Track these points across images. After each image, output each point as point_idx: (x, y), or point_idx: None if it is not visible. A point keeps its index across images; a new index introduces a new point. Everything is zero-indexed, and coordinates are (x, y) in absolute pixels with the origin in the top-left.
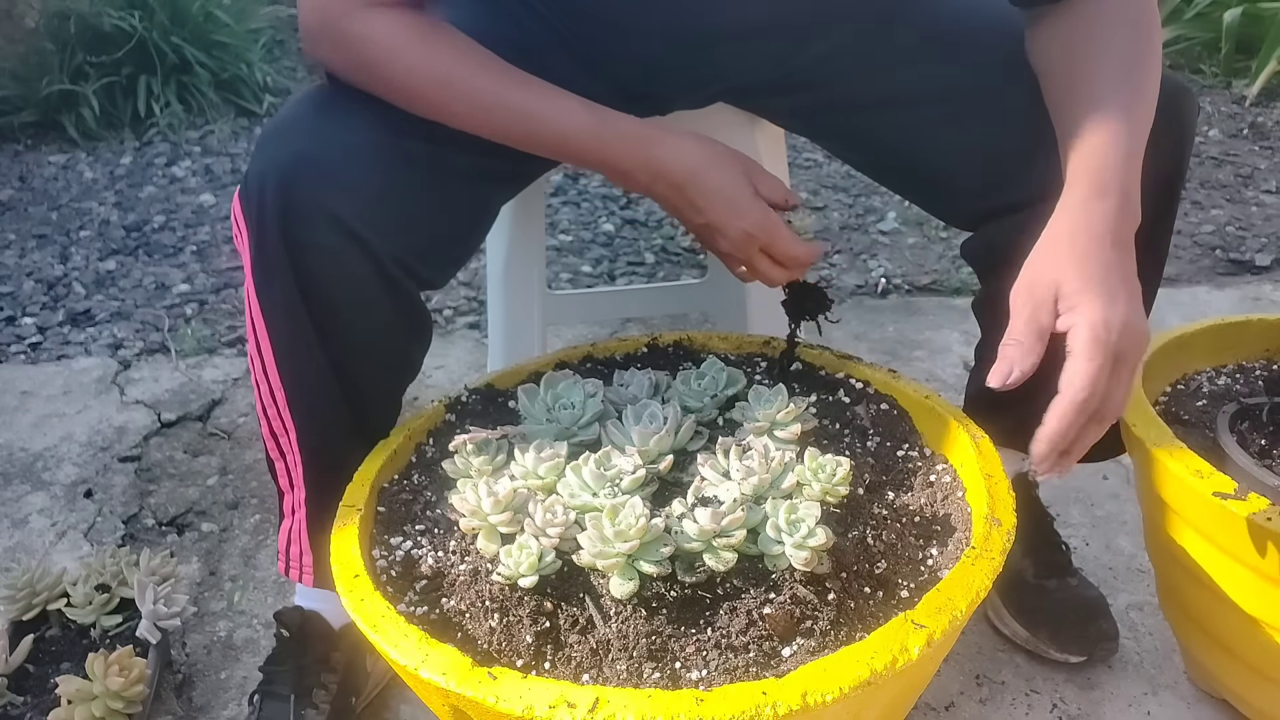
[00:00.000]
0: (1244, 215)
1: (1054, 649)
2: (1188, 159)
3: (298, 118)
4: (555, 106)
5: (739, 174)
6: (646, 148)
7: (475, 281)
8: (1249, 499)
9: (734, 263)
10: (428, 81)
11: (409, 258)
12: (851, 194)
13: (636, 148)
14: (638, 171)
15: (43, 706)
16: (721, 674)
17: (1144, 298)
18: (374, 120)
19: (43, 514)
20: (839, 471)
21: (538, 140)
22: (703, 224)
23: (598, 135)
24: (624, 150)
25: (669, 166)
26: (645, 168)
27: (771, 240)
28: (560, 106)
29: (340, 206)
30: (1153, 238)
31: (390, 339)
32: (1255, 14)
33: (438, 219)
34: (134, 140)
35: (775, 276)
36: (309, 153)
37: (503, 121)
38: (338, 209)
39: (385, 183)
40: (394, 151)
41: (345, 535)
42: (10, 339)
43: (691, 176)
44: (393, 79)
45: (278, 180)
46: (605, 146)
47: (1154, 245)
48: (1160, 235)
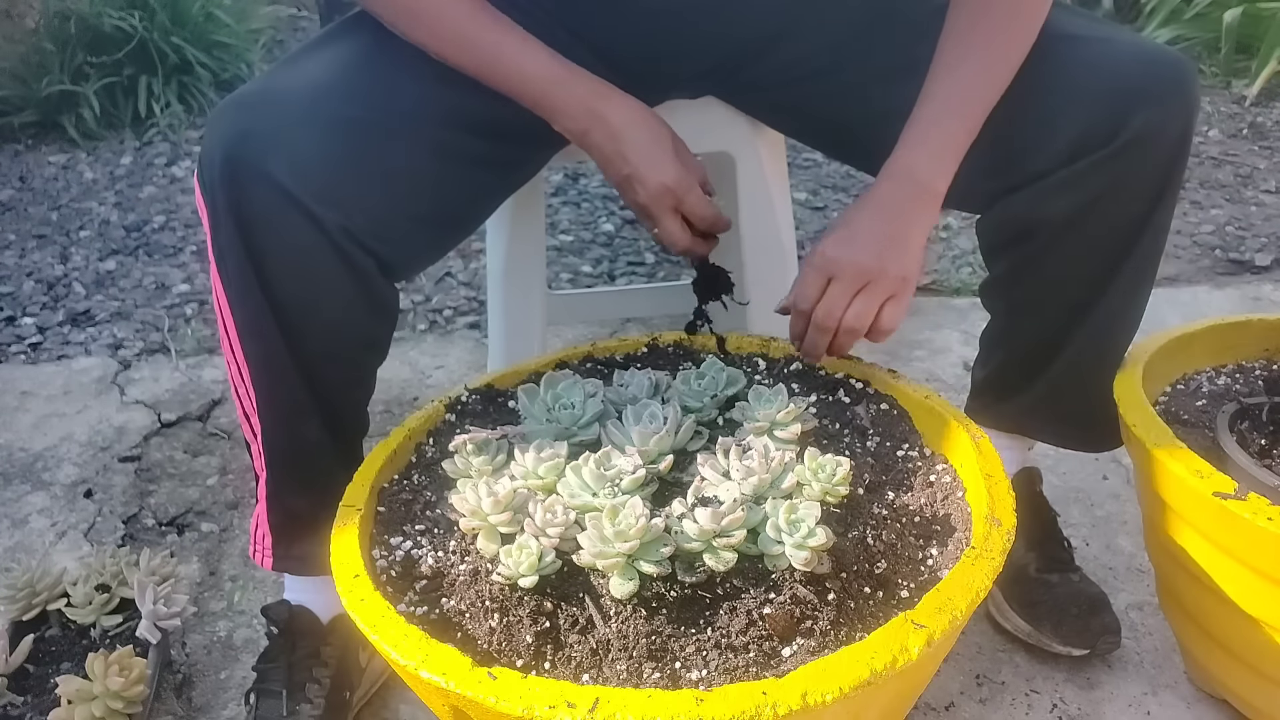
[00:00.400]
0: (1244, 215)
1: (1057, 642)
2: (1193, 127)
3: (245, 95)
4: (523, 47)
5: (668, 138)
6: (595, 96)
7: (475, 281)
8: (1249, 499)
9: (648, 218)
10: (425, 6)
11: (362, 231)
12: (851, 194)
13: (586, 93)
14: (581, 115)
15: (43, 706)
16: (721, 674)
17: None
18: (323, 94)
19: (43, 514)
20: (839, 471)
21: (500, 75)
22: (626, 174)
23: (556, 78)
24: (575, 92)
25: (610, 115)
26: (589, 112)
27: (684, 196)
28: (528, 48)
29: (285, 177)
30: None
31: (347, 314)
32: (1255, 14)
33: (394, 192)
34: (134, 140)
35: (680, 239)
36: (254, 126)
37: (473, 52)
38: (282, 179)
39: (331, 154)
40: (343, 123)
41: (345, 535)
42: (10, 339)
43: (626, 127)
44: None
45: (224, 153)
46: (559, 86)
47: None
48: (1161, 216)
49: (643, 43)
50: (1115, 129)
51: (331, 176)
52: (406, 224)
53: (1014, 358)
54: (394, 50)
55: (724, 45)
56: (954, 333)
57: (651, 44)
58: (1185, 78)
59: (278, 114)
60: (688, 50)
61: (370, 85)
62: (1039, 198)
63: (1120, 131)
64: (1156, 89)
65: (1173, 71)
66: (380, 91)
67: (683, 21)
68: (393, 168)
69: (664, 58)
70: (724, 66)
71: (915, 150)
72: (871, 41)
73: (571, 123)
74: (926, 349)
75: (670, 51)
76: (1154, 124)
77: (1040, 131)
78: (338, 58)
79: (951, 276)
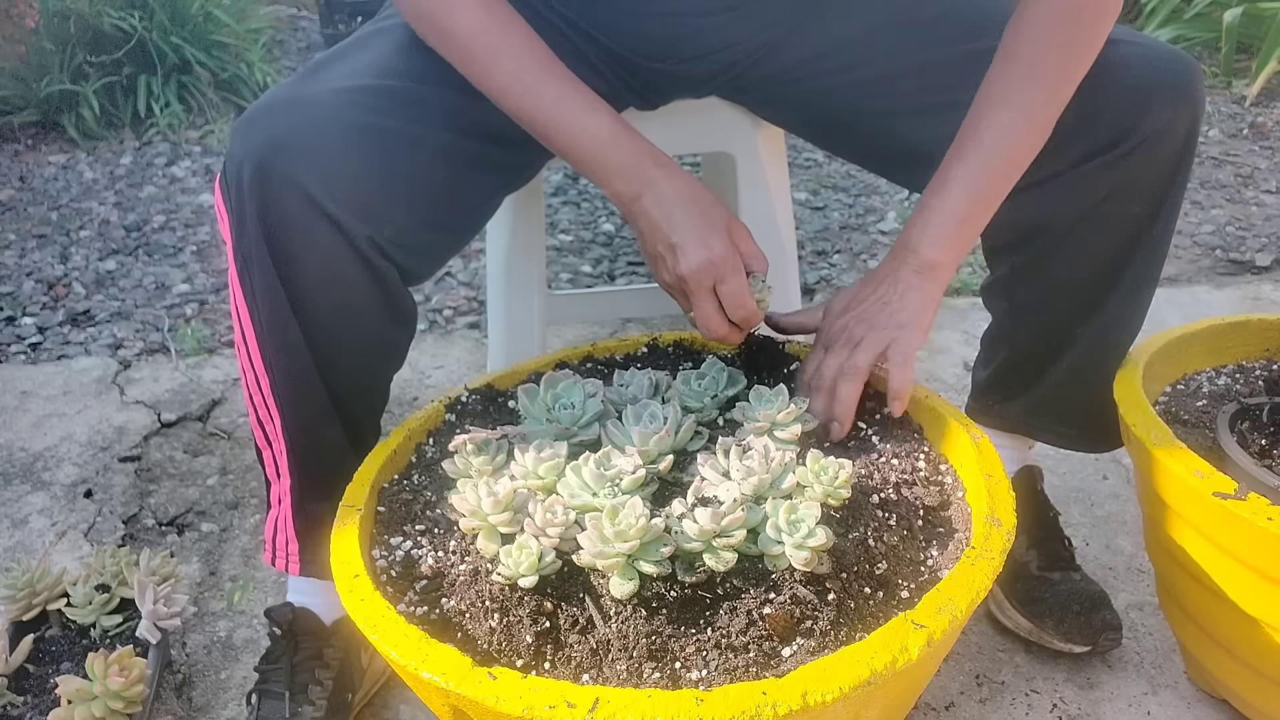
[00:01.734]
0: (1244, 215)
1: (1058, 639)
2: (1199, 128)
3: (274, 103)
4: (582, 104)
5: (723, 217)
6: (652, 161)
7: (475, 281)
8: (1249, 499)
9: (684, 296)
10: (479, 45)
11: (386, 240)
12: (851, 194)
13: (643, 157)
14: (635, 179)
15: (43, 706)
16: (721, 674)
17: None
18: (351, 103)
19: (43, 514)
20: (841, 474)
21: (555, 131)
22: (673, 243)
23: (612, 139)
24: (630, 155)
25: (665, 181)
26: (643, 177)
27: (725, 277)
28: (587, 105)
29: (315, 187)
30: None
31: (370, 324)
32: (1255, 14)
33: (416, 201)
34: (134, 140)
35: (714, 323)
36: (285, 135)
37: (531, 106)
38: (313, 190)
39: (361, 164)
40: (371, 133)
41: (345, 535)
42: (10, 339)
43: (681, 194)
44: (450, 33)
45: (254, 163)
46: (614, 149)
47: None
48: (1166, 217)
49: (655, 47)
50: (1125, 131)
51: (360, 187)
52: (426, 232)
53: (1016, 358)
54: (419, 58)
55: (735, 49)
56: (954, 333)
57: (663, 48)
58: (1193, 78)
59: (307, 123)
60: (699, 54)
61: (396, 94)
62: (1046, 199)
63: (1130, 133)
64: (1166, 90)
65: (1181, 72)
66: (406, 100)
67: (694, 27)
68: (416, 177)
69: (675, 61)
70: (733, 69)
71: (919, 229)
72: (878, 42)
73: (624, 185)
74: (926, 349)
75: (681, 55)
76: (1162, 125)
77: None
78: (363, 65)
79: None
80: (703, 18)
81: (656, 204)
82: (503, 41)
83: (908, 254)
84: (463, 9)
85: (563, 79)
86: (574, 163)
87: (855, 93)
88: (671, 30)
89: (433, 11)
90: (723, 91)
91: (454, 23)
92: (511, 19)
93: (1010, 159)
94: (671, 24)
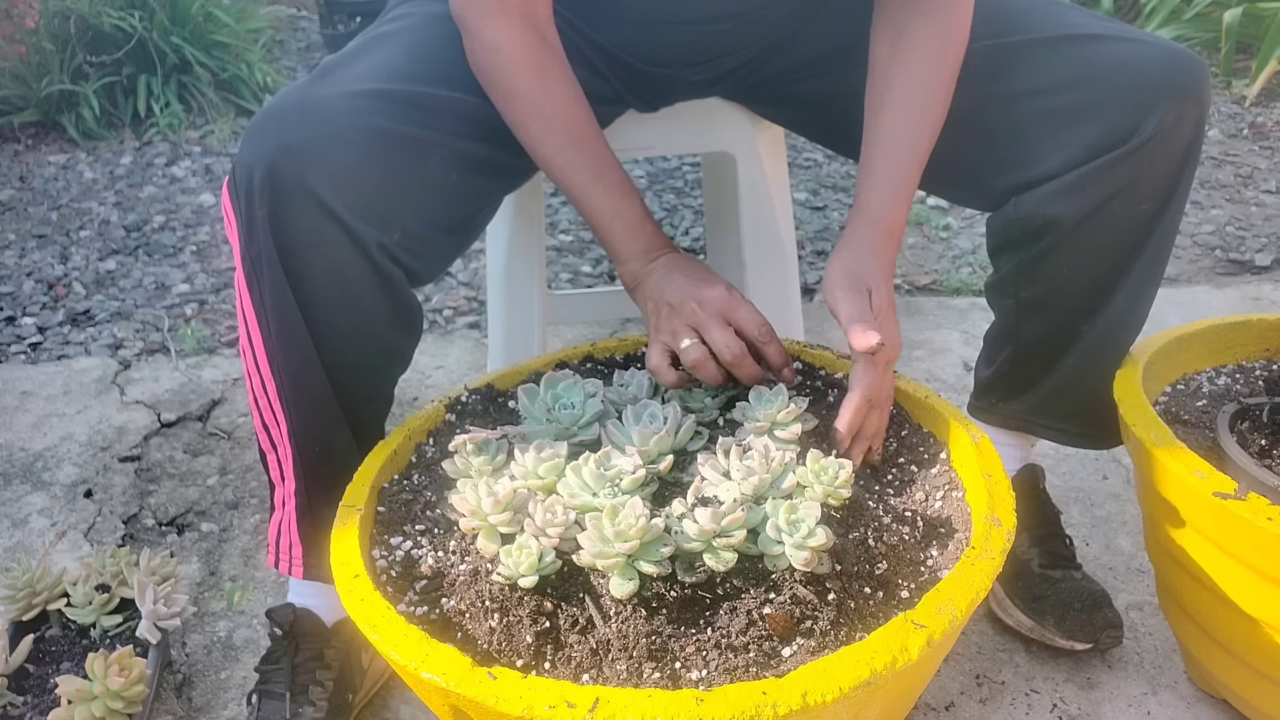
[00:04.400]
0: (1244, 215)
1: (1060, 637)
2: (1204, 127)
3: (285, 108)
4: (615, 189)
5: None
6: (667, 245)
7: (475, 281)
8: (1249, 499)
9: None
10: (533, 115)
11: (395, 245)
12: (851, 194)
13: (660, 243)
14: (646, 260)
15: (43, 706)
16: (721, 674)
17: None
18: (362, 108)
19: (43, 514)
20: (841, 474)
21: (588, 209)
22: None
23: (639, 225)
24: (648, 240)
25: (672, 262)
26: (651, 258)
27: (736, 308)
28: (610, 193)
29: (326, 193)
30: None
31: (378, 328)
32: (1255, 14)
33: (425, 207)
34: (134, 140)
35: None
36: (296, 141)
37: (570, 181)
38: (324, 195)
39: (371, 170)
40: (382, 138)
41: (345, 535)
42: (10, 339)
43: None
44: (508, 97)
45: (265, 168)
46: (640, 231)
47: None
48: (1171, 215)
49: (658, 54)
50: (1132, 129)
51: (371, 192)
52: (434, 235)
53: (1021, 356)
54: (428, 62)
55: (738, 54)
56: (954, 333)
57: (666, 55)
58: (1198, 76)
59: (319, 128)
60: (702, 60)
61: (406, 98)
62: (1052, 197)
63: (1136, 131)
64: (1172, 88)
65: (1187, 70)
66: (416, 105)
67: (698, 34)
68: (426, 182)
69: (678, 67)
70: (736, 73)
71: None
72: None
73: (639, 266)
74: (926, 349)
75: (685, 61)
76: (1169, 123)
77: (1058, 131)
78: (373, 69)
79: (951, 276)
80: (706, 25)
81: (669, 276)
82: (555, 116)
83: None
84: (523, 74)
85: (603, 161)
86: (597, 235)
87: (857, 92)
88: (675, 38)
89: (493, 76)
90: (725, 93)
91: (513, 88)
92: (564, 88)
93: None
94: (675, 32)
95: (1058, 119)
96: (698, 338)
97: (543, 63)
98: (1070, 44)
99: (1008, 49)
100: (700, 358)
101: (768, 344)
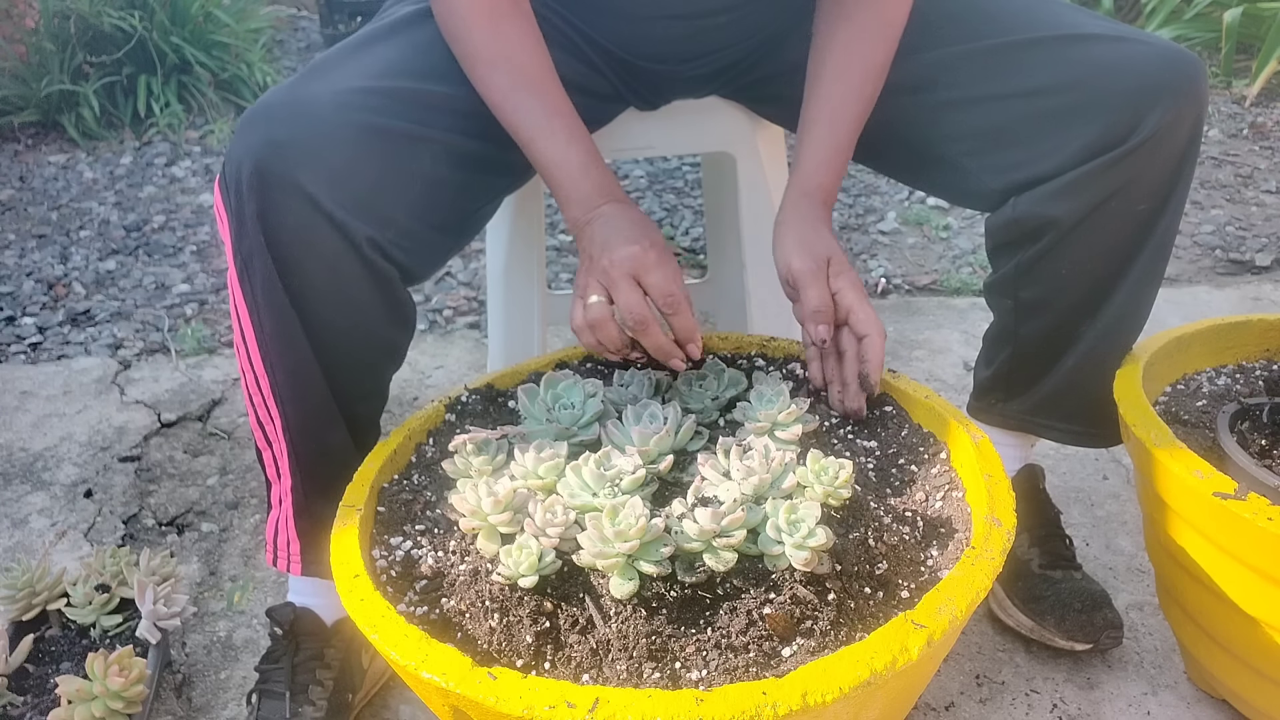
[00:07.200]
0: (1244, 215)
1: (1060, 637)
2: (1202, 126)
3: (273, 105)
4: (564, 132)
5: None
6: (612, 194)
7: (475, 281)
8: (1249, 499)
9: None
10: (483, 58)
11: (387, 241)
12: (852, 194)
13: (606, 189)
14: (590, 207)
15: (43, 706)
16: (721, 674)
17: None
18: (352, 104)
19: (43, 514)
20: (841, 474)
21: (535, 151)
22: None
23: (584, 169)
24: (595, 184)
25: (616, 211)
26: (596, 206)
27: (651, 268)
28: (567, 133)
29: (315, 187)
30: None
31: (371, 324)
32: (1255, 14)
33: (417, 203)
34: (134, 140)
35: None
36: (285, 136)
37: (518, 123)
38: (313, 191)
39: (362, 166)
40: (372, 134)
41: (345, 535)
42: (10, 339)
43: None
44: (461, 43)
45: (253, 164)
46: (585, 175)
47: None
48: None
49: (655, 49)
50: (1130, 129)
51: (361, 188)
52: (428, 232)
53: (1020, 357)
54: (421, 59)
55: (734, 49)
56: (954, 333)
57: (663, 50)
58: (1196, 76)
59: (308, 124)
60: (699, 55)
61: (398, 95)
62: (1051, 198)
63: (1135, 131)
64: (1170, 89)
65: (1185, 70)
66: (408, 101)
67: (694, 29)
68: (418, 178)
69: (675, 62)
70: (733, 69)
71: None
72: None
73: (580, 213)
74: (926, 349)
75: (681, 56)
76: (1167, 123)
77: (1056, 132)
78: (365, 66)
79: (951, 276)
80: (702, 20)
81: (603, 226)
82: (502, 58)
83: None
84: (475, 21)
85: (551, 103)
86: (545, 181)
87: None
88: (671, 33)
89: (448, 20)
90: (723, 91)
91: (467, 33)
92: (519, 34)
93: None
94: (671, 27)
95: (1056, 119)
96: (606, 296)
97: (497, 10)
98: (1068, 44)
99: (1005, 49)
100: (599, 318)
101: (674, 314)
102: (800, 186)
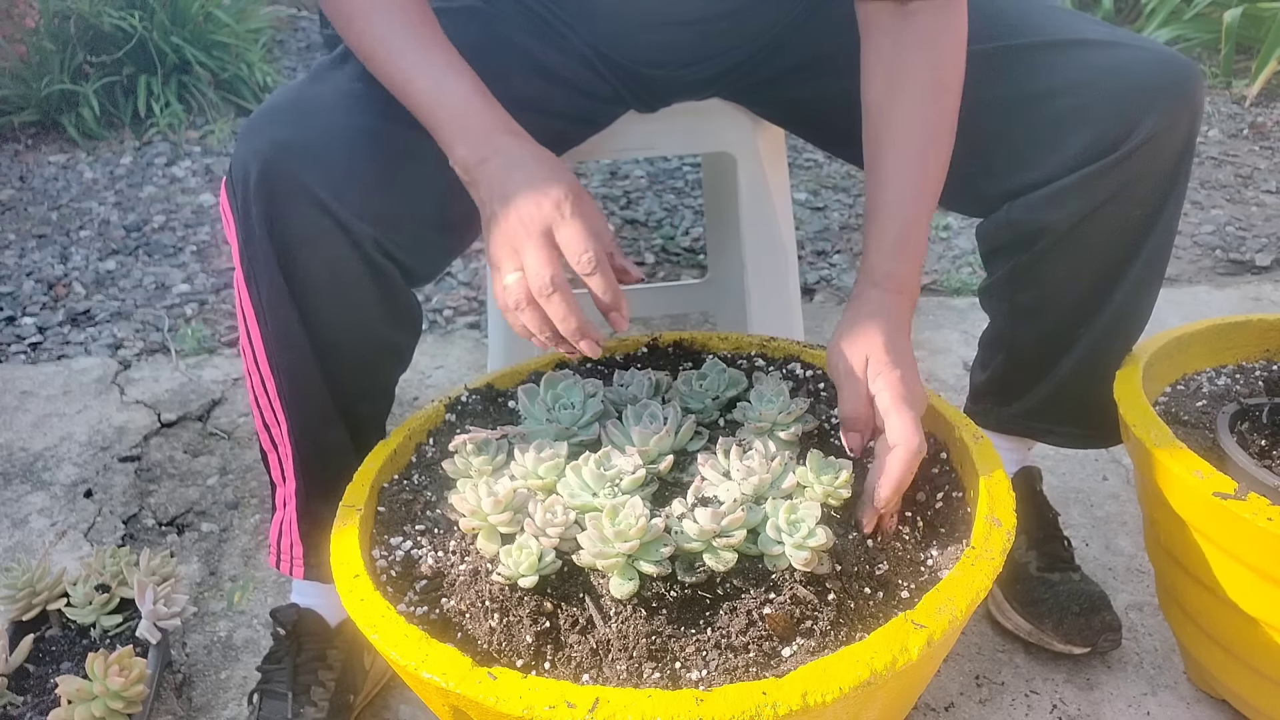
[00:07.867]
0: (1244, 215)
1: (1058, 640)
2: (1197, 132)
3: (279, 107)
4: (443, 65)
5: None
6: (506, 127)
7: (475, 281)
8: (1249, 499)
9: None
10: (361, 14)
11: (391, 243)
12: (851, 194)
13: (498, 122)
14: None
15: (43, 706)
16: (721, 674)
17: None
18: (356, 106)
19: (43, 514)
20: (841, 475)
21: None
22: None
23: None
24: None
25: (515, 146)
26: (490, 141)
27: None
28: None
29: (321, 190)
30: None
31: (375, 326)
32: (1255, 14)
33: (421, 204)
34: (134, 140)
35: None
36: (291, 138)
37: (395, 68)
38: (319, 192)
39: (367, 167)
40: (377, 135)
41: (345, 535)
42: (10, 339)
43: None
44: (339, 7)
45: (260, 166)
46: (470, 107)
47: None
48: (1167, 220)
49: (656, 54)
50: (1124, 134)
51: (366, 190)
52: (431, 234)
53: (1016, 362)
54: None
55: (735, 53)
56: (954, 333)
57: (664, 55)
58: (1191, 81)
59: (314, 126)
60: (700, 59)
61: None
62: (1044, 204)
63: (1129, 137)
64: (1165, 94)
65: (1179, 75)
66: None
67: (695, 34)
68: (422, 180)
69: (675, 67)
70: (734, 72)
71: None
72: None
73: (470, 150)
74: (926, 349)
75: (682, 61)
76: (1161, 128)
77: (1051, 138)
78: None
79: (951, 276)
80: (703, 25)
81: (502, 169)
82: (379, 7)
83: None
84: None
85: (430, 42)
86: (428, 126)
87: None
88: (672, 38)
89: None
90: (724, 93)
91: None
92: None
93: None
94: (672, 32)
95: (1050, 124)
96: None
97: None
98: (1062, 49)
99: (999, 54)
100: (518, 301)
101: (590, 276)
102: (868, 277)
